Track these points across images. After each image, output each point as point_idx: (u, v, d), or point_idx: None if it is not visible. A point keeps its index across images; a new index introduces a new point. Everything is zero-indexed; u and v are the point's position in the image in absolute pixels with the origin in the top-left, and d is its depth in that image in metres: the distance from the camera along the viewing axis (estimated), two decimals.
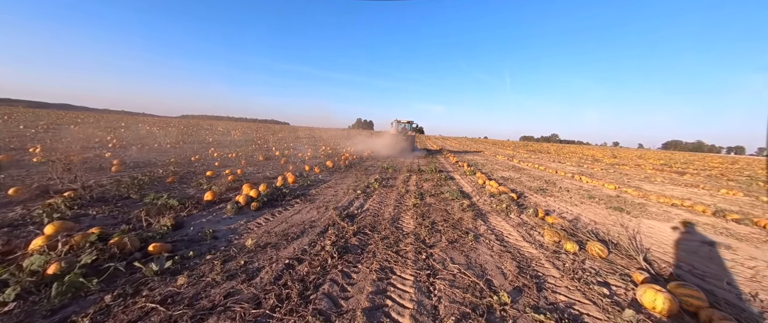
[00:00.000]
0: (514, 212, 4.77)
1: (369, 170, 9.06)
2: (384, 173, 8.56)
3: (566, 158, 21.99)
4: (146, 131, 18.89)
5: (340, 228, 3.49)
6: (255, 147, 13.75)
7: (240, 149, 12.32)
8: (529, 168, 12.95)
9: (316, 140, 23.12)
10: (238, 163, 8.30)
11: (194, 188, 5.03)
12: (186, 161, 7.92)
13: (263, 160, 9.53)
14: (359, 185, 6.32)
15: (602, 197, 6.67)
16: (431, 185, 6.93)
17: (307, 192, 5.42)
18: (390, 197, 5.43)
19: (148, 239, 2.64)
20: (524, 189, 7.24)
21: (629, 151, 66.75)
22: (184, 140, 14.58)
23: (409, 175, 8.32)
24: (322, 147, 16.56)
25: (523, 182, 8.39)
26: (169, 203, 3.73)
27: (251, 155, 10.17)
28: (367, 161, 11.37)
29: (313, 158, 11.08)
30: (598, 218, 4.83)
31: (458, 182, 7.66)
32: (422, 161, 13.33)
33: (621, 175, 12.26)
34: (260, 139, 19.97)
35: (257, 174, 6.93)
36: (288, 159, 9.89)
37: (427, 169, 9.49)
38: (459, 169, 10.80)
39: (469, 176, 8.96)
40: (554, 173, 11.35)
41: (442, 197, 5.58)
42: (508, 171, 11.18)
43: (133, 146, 10.10)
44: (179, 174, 6.09)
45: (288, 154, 11.86)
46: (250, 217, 3.74)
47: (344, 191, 5.62)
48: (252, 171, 7.26)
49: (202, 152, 10.34)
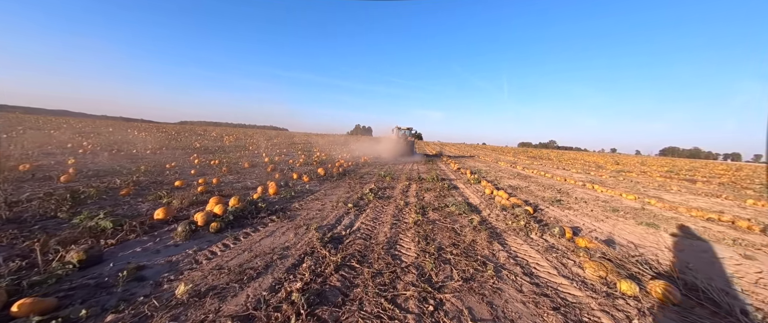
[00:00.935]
0: (535, 231, 3.96)
1: (364, 178, 8.24)
2: (381, 181, 7.75)
3: (569, 164, 21.28)
4: (133, 136, 18.02)
5: (320, 258, 2.66)
6: (243, 153, 12.91)
7: (226, 155, 11.49)
8: (536, 176, 12.18)
9: (312, 146, 22.32)
10: (218, 171, 7.47)
11: (150, 202, 4.19)
12: (158, 169, 7.07)
13: (248, 167, 8.70)
14: (351, 197, 5.49)
15: (627, 210, 5.88)
16: (433, 196, 6.11)
17: (288, 206, 4.59)
18: (386, 212, 4.60)
19: (25, 290, 1.80)
20: (538, 200, 6.44)
21: (630, 157, 66.37)
22: (168, 145, 13.72)
23: (409, 184, 7.51)
24: (317, 153, 15.75)
25: (534, 192, 7.60)
26: (100, 226, 2.89)
27: (236, 162, 9.33)
28: (363, 168, 10.55)
29: (305, 165, 10.25)
30: (635, 238, 4.03)
31: (463, 192, 6.85)
32: (422, 167, 12.53)
33: (633, 183, 11.51)
34: (252, 145, 19.14)
35: (236, 184, 6.09)
36: (276, 166, 9.07)
37: (427, 177, 8.69)
38: (462, 177, 10.01)
39: (474, 185, 8.16)
40: (563, 182, 10.58)
41: (447, 212, 4.77)
42: (514, 179, 10.39)
43: (106, 152, 9.24)
44: (142, 184, 5.24)
45: (278, 160, 11.03)
46: (205, 243, 2.90)
47: (333, 205, 4.80)
48: (231, 181, 6.43)
49: (183, 158, 9.50)
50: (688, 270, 2.92)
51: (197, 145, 15.38)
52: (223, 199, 4.19)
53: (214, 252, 2.70)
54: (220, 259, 2.56)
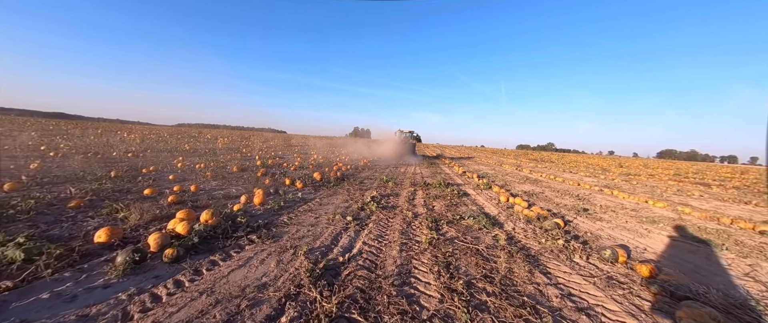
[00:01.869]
0: (577, 252, 3.21)
1: (365, 183, 7.47)
2: (383, 187, 6.97)
3: (573, 167, 20.63)
4: (120, 138, 17.16)
5: (307, 305, 1.90)
6: (234, 156, 12.10)
7: (216, 158, 10.68)
8: (545, 180, 11.46)
9: (309, 149, 21.53)
10: (201, 176, 6.67)
11: (102, 217, 3.40)
12: (132, 174, 6.26)
13: (237, 171, 7.90)
14: (351, 207, 4.72)
15: (665, 221, 5.14)
16: (444, 204, 5.35)
17: (274, 220, 3.81)
18: (393, 226, 3.83)
19: None
20: (561, 209, 5.70)
21: (631, 160, 66.14)
22: (154, 148, 12.88)
23: (414, 190, 6.74)
24: (314, 155, 14.96)
25: (552, 199, 6.86)
26: (7, 257, 2.10)
27: (224, 166, 8.53)
28: (363, 172, 9.78)
29: (300, 169, 9.47)
30: (703, 263, 3.29)
31: (476, 200, 6.10)
32: (425, 170, 11.78)
33: (648, 187, 10.81)
34: (246, 147, 18.32)
35: (217, 192, 5.30)
36: (268, 170, 8.28)
37: (433, 182, 7.93)
38: (470, 181, 9.26)
39: (486, 191, 7.41)
40: (577, 186, 9.87)
41: (464, 225, 4.01)
42: (525, 184, 9.66)
43: (80, 155, 8.41)
44: (102, 193, 4.44)
45: (271, 164, 10.24)
46: (149, 281, 2.12)
47: (329, 218, 4.02)
48: (213, 188, 5.63)
49: (166, 162, 8.69)
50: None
51: (187, 147, 14.55)
52: (193, 213, 3.41)
53: (157, 297, 1.91)
54: (163, 310, 1.77)
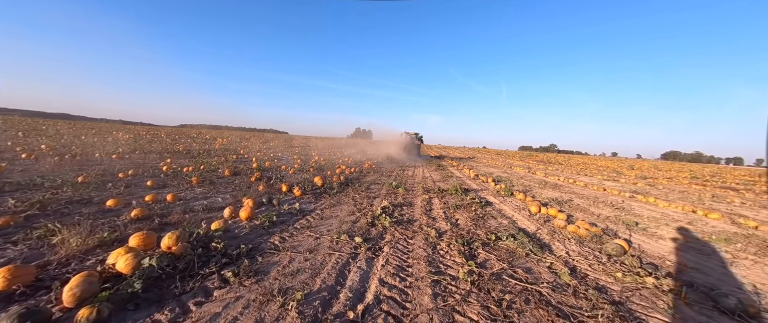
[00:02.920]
0: (682, 296, 2.33)
1: (372, 189, 6.61)
2: (393, 194, 6.11)
3: (585, 169, 19.68)
4: (112, 139, 16.40)
5: None
6: (229, 158, 11.28)
7: (209, 160, 9.85)
8: (565, 184, 10.55)
9: (310, 150, 20.71)
10: (185, 181, 5.83)
11: (32, 242, 2.55)
12: (104, 180, 5.43)
13: (229, 175, 7.06)
14: (359, 222, 3.86)
15: (740, 239, 4.25)
16: (468, 217, 4.48)
17: (262, 244, 2.95)
18: (415, 252, 2.97)
19: None
20: (606, 223, 4.80)
21: (639, 162, 64.99)
22: (145, 148, 12.08)
23: (429, 198, 5.87)
24: (315, 157, 14.12)
25: (586, 208, 5.97)
26: None
27: (214, 169, 7.69)
28: (368, 176, 8.92)
29: (300, 172, 8.62)
30: None
31: (502, 210, 5.22)
32: (434, 173, 10.90)
33: (680, 193, 9.89)
34: (244, 148, 17.51)
35: (199, 202, 4.45)
36: (264, 174, 7.44)
37: (448, 188, 7.06)
38: (486, 187, 8.38)
39: (509, 199, 6.52)
40: (603, 192, 8.95)
41: (504, 249, 3.14)
42: (547, 189, 8.77)
43: (57, 157, 7.60)
44: (54, 205, 3.60)
45: (268, 166, 9.40)
46: None
47: (332, 240, 3.16)
48: (195, 197, 4.78)
49: (151, 164, 7.87)
50: None
51: (180, 148, 13.75)
52: (152, 236, 2.56)
53: None
54: None
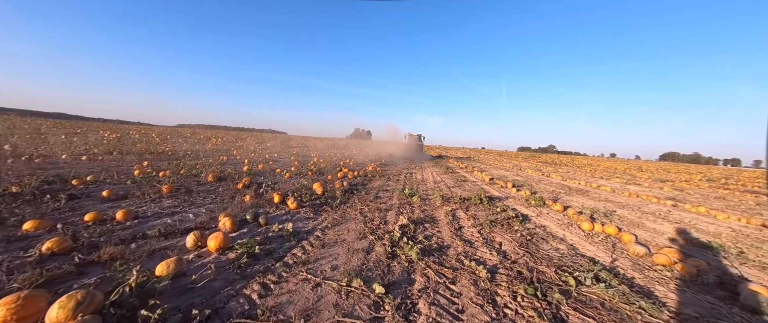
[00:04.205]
0: None
1: (381, 198, 5.58)
2: (407, 204, 5.07)
3: (597, 172, 18.73)
4: (95, 139, 15.27)
5: None
6: (218, 159, 10.20)
7: (195, 162, 8.77)
8: (590, 189, 9.56)
9: (309, 150, 19.63)
10: (154, 190, 4.76)
11: None
12: (51, 189, 4.36)
13: (212, 181, 6.00)
14: (373, 252, 2.83)
15: None
16: (513, 240, 3.45)
17: (228, 306, 1.91)
18: (469, 313, 1.94)
19: None
20: (686, 246, 3.79)
21: (644, 163, 64.39)
22: (126, 149, 10.98)
23: (452, 210, 4.83)
24: (314, 159, 13.06)
25: (640, 222, 4.95)
26: None
27: (197, 174, 6.61)
28: (374, 181, 7.88)
29: (296, 176, 7.56)
30: None
31: (546, 227, 4.19)
32: (446, 178, 9.87)
33: (719, 200, 8.92)
34: (239, 148, 16.42)
35: (160, 222, 3.38)
36: (254, 180, 6.38)
37: (469, 196, 6.04)
38: (508, 193, 7.35)
39: (544, 210, 5.51)
40: (638, 198, 7.96)
41: (596, 300, 2.12)
42: (575, 195, 7.76)
43: (11, 159, 6.50)
44: None
45: (262, 169, 8.33)
46: None
47: (339, 289, 2.12)
48: (158, 212, 3.71)
49: (122, 168, 6.79)
50: None
51: (167, 149, 12.65)
52: (35, 301, 1.51)
53: None
54: None
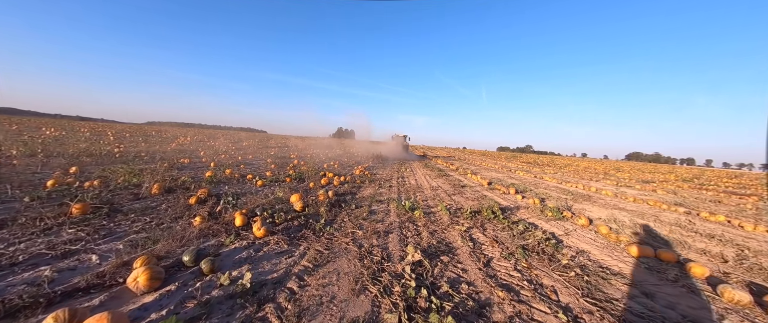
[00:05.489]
0: None
1: (376, 214, 4.49)
2: (411, 223, 4.02)
3: (576, 172, 18.77)
4: (29, 137, 12.92)
5: None
6: (176, 163, 8.64)
7: (144, 166, 7.21)
8: (594, 194, 9.02)
9: (289, 151, 18.09)
10: (60, 213, 3.37)
11: None
12: None
13: (157, 194, 4.63)
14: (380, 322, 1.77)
15: None
16: (567, 283, 2.51)
17: None
18: None
19: None
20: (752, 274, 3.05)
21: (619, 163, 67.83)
22: (52, 150, 9.07)
23: (467, 230, 3.85)
24: (294, 161, 11.70)
25: (685, 242, 4.23)
26: None
27: (136, 185, 5.14)
28: (365, 188, 6.77)
29: (271, 184, 6.29)
30: None
31: (586, 252, 3.32)
32: (441, 182, 8.93)
33: (718, 204, 8.65)
34: (209, 148, 14.65)
35: (29, 275, 2.10)
36: (214, 191, 5.07)
37: (477, 207, 5.11)
38: (515, 200, 6.52)
39: (561, 222, 4.69)
40: (643, 204, 7.43)
41: None
42: (581, 202, 7.09)
43: None
44: None
45: (229, 175, 6.94)
46: None
47: None
48: (42, 254, 2.41)
49: (39, 176, 5.21)
50: None
51: (118, 150, 10.76)
52: None
53: None
54: None
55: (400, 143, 25.20)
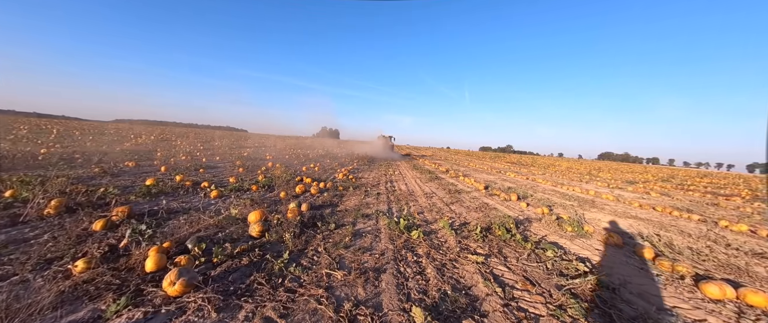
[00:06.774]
0: None
1: (362, 236, 3.40)
2: (409, 253, 2.95)
3: (560, 172, 18.66)
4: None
5: None
6: (120, 167, 7.10)
7: (65, 171, 5.67)
8: (592, 198, 8.41)
9: (265, 151, 16.53)
10: None
11: None
12: None
13: (53, 214, 3.28)
14: None
15: None
16: None
17: None
18: None
19: None
20: None
21: (597, 162, 70.61)
22: None
23: (485, 260, 2.85)
24: (269, 163, 10.31)
25: (737, 264, 3.49)
26: None
27: (35, 198, 3.74)
28: (347, 197, 5.63)
29: (230, 194, 5.00)
30: None
31: (640, 287, 2.41)
32: (434, 187, 7.94)
33: (717, 207, 8.30)
34: (167, 150, 12.88)
35: None
36: (140, 208, 3.75)
37: (486, 222, 4.16)
38: (519, 208, 5.65)
39: (587, 241, 3.82)
40: (652, 211, 6.82)
41: None
42: (589, 209, 6.36)
43: None
44: None
45: (180, 181, 5.56)
46: None
47: None
48: None
49: None
50: None
51: (48, 151, 8.92)
52: None
53: None
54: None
55: (385, 143, 26.12)
